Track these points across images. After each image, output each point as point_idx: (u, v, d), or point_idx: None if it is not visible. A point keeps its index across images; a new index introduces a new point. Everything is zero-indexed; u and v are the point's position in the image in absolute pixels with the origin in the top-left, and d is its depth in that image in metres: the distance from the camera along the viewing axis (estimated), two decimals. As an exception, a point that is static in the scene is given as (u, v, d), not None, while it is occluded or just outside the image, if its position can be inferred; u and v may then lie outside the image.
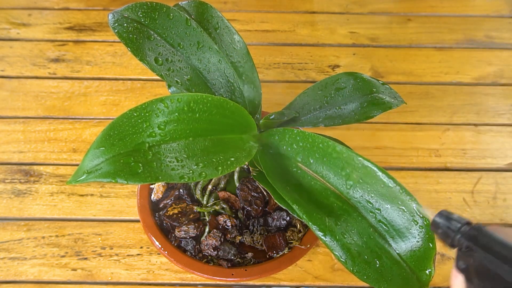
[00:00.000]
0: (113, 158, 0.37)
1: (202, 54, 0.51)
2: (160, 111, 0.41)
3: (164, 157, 0.39)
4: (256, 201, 0.58)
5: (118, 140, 0.38)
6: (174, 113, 0.42)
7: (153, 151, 0.39)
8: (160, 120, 0.41)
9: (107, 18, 0.49)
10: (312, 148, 0.46)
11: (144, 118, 0.40)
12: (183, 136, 0.41)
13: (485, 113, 0.82)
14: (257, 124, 0.52)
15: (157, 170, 0.38)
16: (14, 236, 0.68)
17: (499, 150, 0.78)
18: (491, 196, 0.73)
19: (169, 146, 0.40)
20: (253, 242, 0.57)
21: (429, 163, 0.76)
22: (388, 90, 0.57)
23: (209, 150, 0.42)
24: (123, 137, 0.39)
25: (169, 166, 0.39)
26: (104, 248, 0.67)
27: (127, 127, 0.39)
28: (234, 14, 0.95)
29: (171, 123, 0.41)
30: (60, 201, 0.71)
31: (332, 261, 0.66)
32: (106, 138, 0.38)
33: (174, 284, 0.64)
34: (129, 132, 0.39)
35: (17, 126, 0.79)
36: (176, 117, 0.42)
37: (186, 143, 0.41)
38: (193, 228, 0.57)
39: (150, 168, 0.38)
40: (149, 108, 0.41)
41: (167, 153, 0.39)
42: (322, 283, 0.65)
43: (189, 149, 0.41)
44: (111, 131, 0.39)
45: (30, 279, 0.64)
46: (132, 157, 0.38)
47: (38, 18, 0.93)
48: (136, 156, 0.38)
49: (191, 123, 0.42)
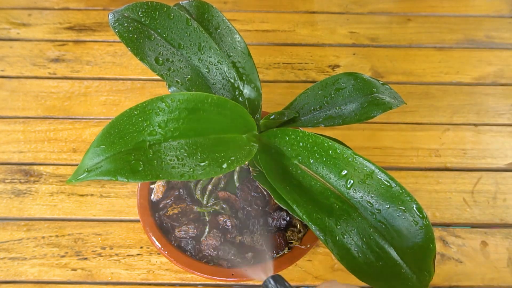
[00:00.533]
0: (114, 156, 0.37)
1: (202, 54, 0.51)
2: (161, 110, 0.41)
3: (165, 155, 0.39)
4: (256, 201, 0.58)
5: (119, 138, 0.38)
6: (175, 111, 0.42)
7: (153, 150, 0.39)
8: (160, 119, 0.41)
9: (108, 18, 0.49)
10: (312, 148, 0.46)
11: (145, 117, 0.40)
12: (184, 135, 0.41)
13: (485, 113, 0.82)
14: (257, 124, 0.52)
15: (158, 168, 0.38)
16: (14, 236, 0.68)
17: (499, 150, 0.78)
18: (491, 196, 0.73)
19: (169, 145, 0.40)
20: (253, 242, 0.57)
21: (429, 163, 0.76)
22: (388, 90, 0.57)
23: (210, 149, 0.42)
24: (124, 135, 0.39)
25: (169, 164, 0.39)
26: (104, 248, 0.67)
27: (127, 125, 0.39)
28: (234, 14, 0.95)
29: (171, 122, 0.41)
30: (60, 201, 0.71)
31: (332, 261, 0.66)
32: (107, 136, 0.38)
33: (174, 284, 0.64)
34: (130, 130, 0.39)
35: (17, 126, 0.79)
36: (176, 116, 0.42)
37: (187, 142, 0.41)
38: (193, 228, 0.57)
39: (151, 166, 0.38)
40: (149, 107, 0.41)
41: (167, 152, 0.39)
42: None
43: (189, 148, 0.41)
44: (112, 129, 0.39)
45: (30, 279, 0.64)
46: (133, 155, 0.38)
47: (38, 18, 0.93)
48: (137, 154, 0.38)
49: (191, 122, 0.42)
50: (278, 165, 0.47)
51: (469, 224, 0.71)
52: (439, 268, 0.67)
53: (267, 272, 0.37)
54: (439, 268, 0.67)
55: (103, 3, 0.97)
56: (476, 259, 0.67)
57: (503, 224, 0.70)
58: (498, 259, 0.67)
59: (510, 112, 0.82)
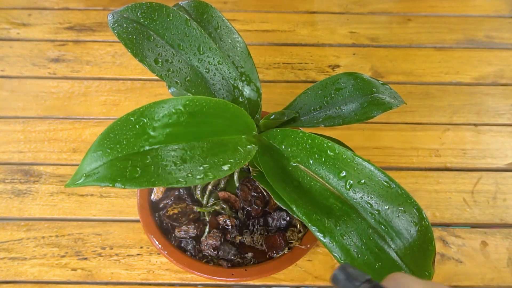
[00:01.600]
0: (111, 162, 0.37)
1: (202, 55, 0.51)
2: (158, 115, 0.41)
3: (162, 160, 0.39)
4: (256, 201, 0.58)
5: (116, 144, 0.38)
6: (172, 116, 0.42)
7: (151, 155, 0.39)
8: (157, 124, 0.41)
9: (107, 19, 0.49)
10: (312, 149, 0.46)
11: (142, 122, 0.40)
12: (181, 140, 0.41)
13: (485, 113, 0.82)
14: (257, 124, 0.52)
15: (155, 175, 0.38)
16: (14, 236, 0.68)
17: (499, 150, 0.78)
18: (491, 196, 0.73)
19: (167, 150, 0.40)
20: (253, 242, 0.57)
21: (428, 163, 0.76)
22: (388, 90, 0.57)
23: (208, 152, 0.42)
24: (121, 141, 0.39)
25: (166, 170, 0.39)
26: (104, 248, 0.67)
27: (124, 131, 0.39)
28: (234, 14, 0.95)
29: (169, 127, 0.41)
30: (60, 201, 0.71)
31: (332, 261, 0.67)
32: (104, 142, 0.38)
33: (174, 284, 0.64)
34: (127, 136, 0.39)
35: (17, 126, 0.79)
36: (174, 121, 0.42)
37: (184, 146, 0.41)
38: (193, 228, 0.57)
39: (148, 173, 0.38)
40: (146, 112, 0.41)
41: (165, 157, 0.39)
42: (322, 283, 0.65)
43: (187, 153, 0.41)
44: (109, 134, 0.39)
45: (30, 279, 0.65)
46: (130, 161, 0.38)
47: (38, 18, 0.94)
48: (134, 160, 0.38)
49: (189, 126, 0.42)
50: (277, 166, 0.47)
51: (469, 224, 0.71)
52: (439, 268, 0.67)
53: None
54: (439, 268, 0.67)
55: (103, 3, 0.97)
56: (476, 259, 0.67)
57: (503, 224, 0.70)
58: (498, 259, 0.67)
59: (510, 112, 0.82)
